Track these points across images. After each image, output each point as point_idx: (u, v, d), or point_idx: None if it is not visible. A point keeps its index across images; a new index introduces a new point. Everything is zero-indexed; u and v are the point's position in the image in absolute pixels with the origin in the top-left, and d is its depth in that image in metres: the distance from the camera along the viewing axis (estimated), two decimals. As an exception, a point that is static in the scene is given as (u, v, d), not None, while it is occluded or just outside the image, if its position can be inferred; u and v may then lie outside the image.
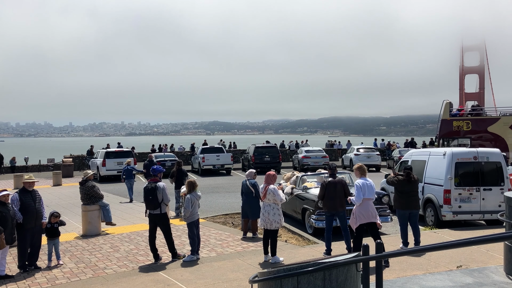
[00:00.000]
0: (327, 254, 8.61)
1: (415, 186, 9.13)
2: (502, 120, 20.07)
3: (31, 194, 8.45)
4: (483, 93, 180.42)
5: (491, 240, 3.66)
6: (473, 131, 20.19)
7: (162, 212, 8.68)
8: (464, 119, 20.58)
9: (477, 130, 20.16)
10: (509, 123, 19.84)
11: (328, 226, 8.89)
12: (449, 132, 20.54)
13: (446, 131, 20.56)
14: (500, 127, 19.92)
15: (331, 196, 8.71)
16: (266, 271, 4.90)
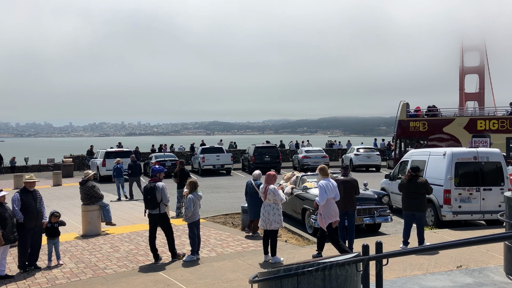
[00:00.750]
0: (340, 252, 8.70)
1: (415, 187, 9.13)
2: (457, 120, 20.28)
3: (32, 194, 8.46)
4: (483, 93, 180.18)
5: (491, 240, 3.67)
6: (429, 132, 20.33)
7: (161, 212, 8.68)
8: (421, 119, 20.61)
9: (433, 131, 20.30)
10: (463, 123, 20.08)
11: (339, 225, 9.00)
12: (406, 133, 20.64)
13: (403, 131, 20.66)
14: (454, 127, 20.15)
15: (342, 195, 8.85)
16: (266, 271, 4.90)
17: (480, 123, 19.92)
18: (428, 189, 9.19)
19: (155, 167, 9.30)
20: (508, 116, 19.96)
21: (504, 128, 19.64)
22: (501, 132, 19.52)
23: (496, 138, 19.36)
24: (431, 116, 20.89)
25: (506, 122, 19.66)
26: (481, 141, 19.18)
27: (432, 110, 21.14)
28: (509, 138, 19.23)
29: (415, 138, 20.90)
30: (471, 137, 19.48)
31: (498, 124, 19.71)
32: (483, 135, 19.49)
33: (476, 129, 19.86)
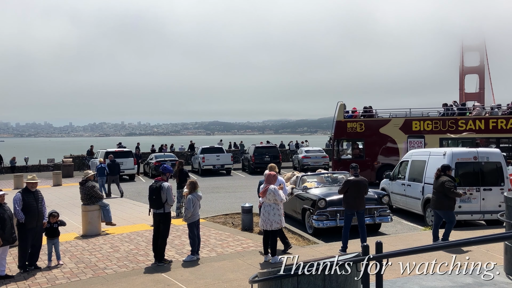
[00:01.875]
0: (343, 251, 8.81)
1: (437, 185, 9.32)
2: (393, 121, 20.15)
3: (34, 194, 8.46)
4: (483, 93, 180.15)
5: (491, 240, 3.67)
6: (366, 132, 20.25)
7: (165, 212, 8.67)
8: (358, 120, 20.47)
9: (370, 131, 20.18)
10: (399, 124, 19.97)
11: (346, 224, 9.16)
12: (344, 134, 20.59)
13: (340, 132, 20.58)
14: (390, 128, 20.04)
15: (354, 195, 9.06)
16: (266, 271, 4.90)
17: (415, 124, 19.83)
18: (444, 189, 9.13)
19: (167, 166, 9.26)
20: (441, 117, 19.97)
21: (438, 129, 19.64)
22: (435, 133, 19.62)
23: (430, 138, 19.55)
24: (367, 117, 20.75)
25: (440, 123, 19.67)
26: (416, 141, 19.66)
27: (368, 110, 21.05)
28: (442, 138, 19.70)
29: (352, 139, 20.88)
30: (406, 137, 19.80)
31: (432, 125, 19.68)
32: (418, 135, 19.79)
33: (411, 130, 19.88)
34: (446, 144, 19.77)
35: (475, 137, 19.43)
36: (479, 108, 20.25)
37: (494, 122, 19.43)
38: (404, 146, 19.73)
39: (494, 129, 19.38)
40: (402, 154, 19.52)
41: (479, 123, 19.48)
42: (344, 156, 21.10)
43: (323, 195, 10.95)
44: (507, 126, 19.31)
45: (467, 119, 19.55)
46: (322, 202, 10.61)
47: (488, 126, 19.46)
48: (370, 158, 20.24)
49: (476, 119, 19.48)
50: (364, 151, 20.49)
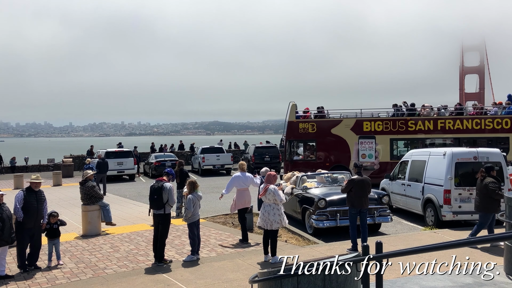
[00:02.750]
0: (353, 250, 8.83)
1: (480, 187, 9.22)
2: (344, 122, 19.98)
3: (36, 194, 8.44)
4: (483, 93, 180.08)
5: (491, 240, 3.67)
6: (318, 133, 19.97)
7: (166, 213, 8.65)
8: (309, 121, 20.17)
9: (322, 132, 19.92)
10: (350, 125, 19.82)
11: (352, 223, 9.24)
12: (296, 134, 20.18)
13: (292, 133, 20.19)
14: (342, 129, 19.86)
15: (358, 194, 9.14)
16: (266, 271, 4.90)
17: (366, 125, 19.72)
18: (489, 191, 9.00)
19: (170, 170, 9.31)
20: (391, 117, 19.89)
21: (388, 129, 19.62)
22: (385, 134, 19.60)
23: (381, 139, 19.58)
24: (319, 117, 20.47)
25: (390, 123, 19.64)
26: (367, 142, 19.62)
27: (320, 111, 20.77)
28: (393, 139, 19.75)
29: (304, 140, 20.47)
30: (358, 138, 19.66)
31: (383, 126, 19.62)
32: (369, 136, 19.66)
33: (362, 131, 19.72)
34: (396, 145, 20.00)
35: (424, 137, 19.68)
36: (428, 109, 20.26)
37: (442, 123, 19.65)
38: (355, 147, 19.67)
39: (442, 130, 19.63)
40: (354, 154, 19.62)
41: (428, 124, 19.62)
42: (296, 157, 20.59)
43: (323, 195, 10.95)
44: (454, 127, 19.59)
45: (417, 119, 19.65)
46: (322, 202, 10.61)
47: (437, 126, 19.66)
48: (322, 159, 19.95)
49: (425, 120, 19.59)
50: (316, 152, 20.14)
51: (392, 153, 19.82)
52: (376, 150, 19.65)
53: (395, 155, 19.83)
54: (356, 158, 19.50)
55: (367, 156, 19.59)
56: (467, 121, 19.63)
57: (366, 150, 19.66)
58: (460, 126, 19.58)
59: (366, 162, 19.27)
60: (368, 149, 19.62)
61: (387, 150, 19.70)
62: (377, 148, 19.63)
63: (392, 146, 19.81)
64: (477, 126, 19.64)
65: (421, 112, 20.11)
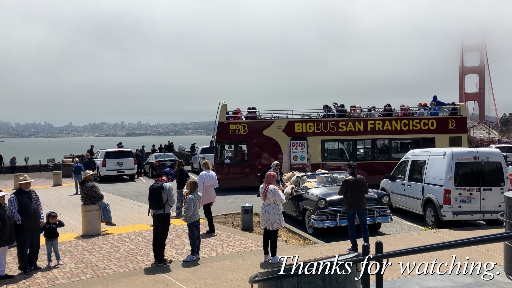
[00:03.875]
0: (353, 251, 8.84)
1: None
2: (276, 123, 19.69)
3: (28, 194, 8.41)
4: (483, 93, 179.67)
5: (491, 240, 3.67)
6: (249, 135, 19.55)
7: (165, 213, 8.64)
8: (241, 122, 19.70)
9: (253, 134, 19.53)
10: (282, 126, 19.56)
11: (351, 224, 9.27)
12: (226, 136, 19.63)
13: (223, 135, 19.63)
14: (273, 130, 19.57)
15: (354, 194, 9.18)
16: (266, 271, 4.90)
17: (297, 126, 19.58)
18: None
19: (169, 170, 9.33)
20: (322, 119, 19.83)
21: (320, 131, 19.61)
22: (317, 135, 19.57)
23: (312, 140, 19.50)
24: (250, 118, 20.04)
25: (321, 124, 19.62)
26: (299, 144, 19.46)
27: (251, 112, 20.22)
28: (324, 140, 19.71)
29: (235, 141, 19.94)
30: (289, 140, 19.48)
31: (314, 127, 19.59)
32: (301, 137, 19.50)
33: (294, 132, 19.57)
34: (327, 146, 19.92)
35: (355, 138, 19.77)
36: (358, 110, 20.29)
37: (372, 124, 19.81)
38: (287, 148, 19.45)
39: (372, 131, 19.77)
40: (286, 156, 19.38)
41: (358, 125, 19.78)
42: (227, 160, 20.06)
43: (323, 195, 10.95)
44: (383, 128, 19.75)
45: (347, 120, 19.71)
46: (322, 202, 10.61)
47: (367, 127, 19.77)
48: (253, 161, 19.59)
49: (355, 121, 19.72)
50: (248, 154, 19.75)
51: (324, 154, 19.69)
52: (308, 152, 19.50)
53: (326, 156, 19.75)
54: (288, 160, 19.32)
55: (299, 158, 19.41)
56: (396, 122, 19.84)
57: (298, 152, 19.47)
58: (389, 127, 19.77)
59: (298, 164, 19.12)
60: (300, 150, 19.45)
61: (319, 151, 19.59)
62: (309, 149, 19.47)
63: (323, 147, 19.66)
64: (405, 127, 19.89)
65: (351, 113, 20.11)
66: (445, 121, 20.00)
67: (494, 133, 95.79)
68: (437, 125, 19.88)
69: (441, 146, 19.43)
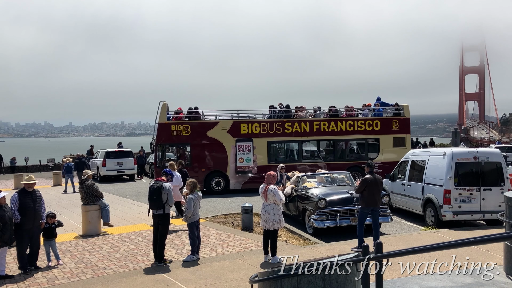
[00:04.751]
0: (359, 249, 8.87)
1: None
2: (220, 124, 18.94)
3: (31, 194, 8.40)
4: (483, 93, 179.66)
5: (491, 240, 3.66)
6: (192, 136, 18.66)
7: (165, 213, 8.64)
8: (183, 123, 18.77)
9: (197, 135, 18.69)
10: (227, 127, 18.92)
11: (361, 221, 9.35)
12: (167, 138, 18.64)
13: (163, 136, 18.59)
14: (218, 131, 18.85)
15: (372, 192, 9.27)
16: (266, 271, 4.90)
17: (243, 127, 18.97)
18: None
19: (168, 170, 9.34)
20: (269, 119, 19.35)
21: (265, 132, 19.10)
22: (263, 136, 19.08)
23: (258, 142, 19.02)
24: (193, 118, 19.16)
25: (267, 125, 19.12)
26: (244, 145, 18.88)
27: (194, 112, 19.37)
28: (270, 141, 19.27)
29: (177, 143, 19.08)
30: (235, 141, 18.88)
31: (260, 128, 19.06)
32: (246, 139, 18.91)
33: (239, 133, 18.94)
34: (274, 148, 19.57)
35: (301, 139, 19.53)
36: (305, 111, 20.07)
37: (317, 125, 19.64)
38: (232, 150, 18.88)
39: (318, 131, 19.59)
40: (231, 159, 18.79)
41: (304, 126, 19.48)
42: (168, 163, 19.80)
43: (323, 195, 10.96)
44: (329, 129, 19.64)
45: (293, 121, 19.39)
46: (322, 202, 10.61)
47: (312, 128, 19.58)
48: (197, 164, 18.72)
49: (301, 122, 19.43)
50: (191, 157, 18.83)
51: (270, 156, 19.31)
52: (254, 154, 18.99)
53: (273, 158, 19.38)
54: (234, 162, 18.80)
55: (244, 160, 18.85)
56: (341, 123, 19.74)
57: (244, 154, 18.89)
58: (334, 128, 19.67)
59: (243, 166, 18.69)
60: (245, 152, 18.88)
61: (265, 153, 19.14)
62: (255, 151, 19.01)
63: (269, 149, 19.24)
64: (351, 128, 19.82)
65: (297, 114, 19.82)
66: (389, 122, 20.04)
67: (494, 133, 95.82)
68: (381, 126, 19.88)
69: (385, 147, 19.79)
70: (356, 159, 19.97)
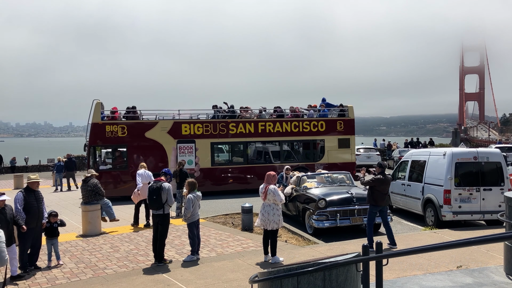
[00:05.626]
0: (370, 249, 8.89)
1: None
2: (160, 124, 18.02)
3: (35, 194, 8.43)
4: (483, 93, 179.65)
5: (491, 240, 3.66)
6: (129, 137, 17.60)
7: (165, 213, 8.64)
8: (119, 123, 17.66)
9: (134, 136, 17.66)
10: (167, 127, 18.03)
11: (371, 221, 9.46)
12: (102, 139, 17.53)
13: (98, 137, 17.48)
14: (158, 132, 17.91)
15: (384, 192, 9.41)
16: (266, 271, 4.90)
17: (185, 128, 18.18)
18: None
19: (167, 170, 9.35)
20: (212, 120, 18.70)
21: (209, 133, 18.44)
22: (206, 137, 18.40)
23: (201, 143, 18.35)
24: (130, 118, 18.09)
25: (210, 126, 18.47)
26: (186, 147, 18.13)
27: (131, 111, 18.31)
28: (213, 143, 18.64)
29: (113, 145, 17.84)
30: (176, 142, 18.00)
31: (203, 129, 18.37)
32: (188, 140, 18.19)
33: (181, 134, 18.13)
34: (217, 149, 19.04)
35: (246, 141, 19.04)
36: (250, 111, 19.70)
37: (262, 126, 19.19)
38: (173, 152, 18.02)
39: (263, 133, 19.20)
40: (172, 161, 17.85)
41: (249, 126, 18.99)
42: (103, 166, 18.00)
43: (323, 195, 10.96)
44: (274, 130, 19.34)
45: (238, 122, 18.88)
46: (322, 202, 10.62)
47: (257, 129, 19.08)
48: (134, 167, 16.92)
49: (246, 122, 18.93)
50: (128, 159, 17.72)
51: (214, 158, 18.70)
52: (196, 156, 18.28)
53: (216, 160, 18.91)
54: (175, 165, 17.37)
55: (186, 163, 17.44)
56: (287, 124, 19.48)
57: (186, 156, 18.04)
58: (280, 129, 19.40)
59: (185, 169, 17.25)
60: (187, 154, 18.10)
61: (208, 155, 18.44)
62: (198, 153, 18.31)
63: (213, 151, 18.59)
64: (296, 129, 19.59)
65: (242, 115, 19.40)
66: (334, 123, 19.99)
67: (494, 133, 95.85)
68: (326, 127, 19.79)
69: (330, 148, 19.69)
70: (302, 160, 19.71)
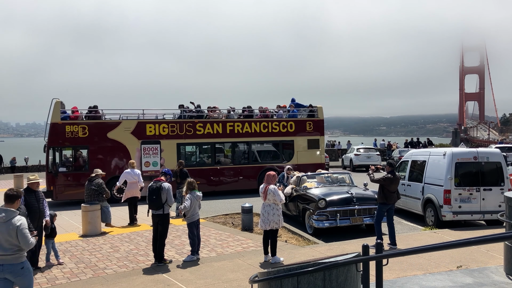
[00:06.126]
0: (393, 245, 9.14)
1: None
2: (123, 124, 17.38)
3: (35, 194, 8.43)
4: (483, 93, 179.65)
5: (491, 240, 3.66)
6: (90, 138, 16.92)
7: (165, 213, 8.64)
8: (79, 123, 16.93)
9: (96, 137, 17.02)
10: (131, 128, 17.40)
11: (379, 219, 9.59)
12: (61, 139, 16.73)
13: (57, 137, 16.66)
14: (121, 132, 17.26)
15: (393, 190, 9.51)
16: (266, 271, 4.90)
17: (149, 128, 17.57)
18: None
19: (167, 170, 9.34)
20: (178, 120, 18.16)
21: (175, 133, 17.89)
22: (172, 138, 17.84)
23: (167, 144, 17.77)
24: (91, 118, 17.37)
25: (176, 126, 17.93)
26: (151, 148, 17.60)
27: (93, 111, 17.63)
28: (180, 144, 18.16)
29: (73, 146, 17.09)
30: (140, 143, 17.43)
31: (168, 129, 17.80)
32: (153, 141, 17.64)
33: (145, 135, 17.53)
34: (184, 150, 18.36)
35: (214, 141, 18.60)
36: (218, 111, 19.35)
37: (231, 126, 18.77)
38: (137, 154, 17.36)
39: (231, 133, 18.76)
40: (136, 163, 16.56)
41: (217, 127, 18.57)
42: (62, 168, 17.04)
43: (323, 195, 10.96)
44: (243, 130, 19.00)
45: (205, 122, 18.43)
46: (322, 202, 10.62)
47: (226, 130, 18.69)
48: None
49: (213, 123, 18.50)
50: (89, 161, 17.03)
51: (180, 160, 17.56)
52: (161, 157, 17.70)
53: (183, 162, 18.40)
54: (139, 167, 16.62)
55: (151, 164, 17.48)
56: (256, 124, 19.18)
57: (150, 157, 17.53)
58: (249, 130, 19.06)
59: (150, 171, 17.27)
60: (152, 155, 17.56)
61: (174, 156, 17.73)
62: (163, 154, 17.73)
63: (179, 151, 18.03)
64: (265, 130, 19.32)
65: (209, 115, 18.99)
66: (303, 123, 19.77)
67: (494, 133, 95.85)
68: (295, 128, 19.60)
69: (300, 149, 19.55)
70: (271, 161, 19.49)
